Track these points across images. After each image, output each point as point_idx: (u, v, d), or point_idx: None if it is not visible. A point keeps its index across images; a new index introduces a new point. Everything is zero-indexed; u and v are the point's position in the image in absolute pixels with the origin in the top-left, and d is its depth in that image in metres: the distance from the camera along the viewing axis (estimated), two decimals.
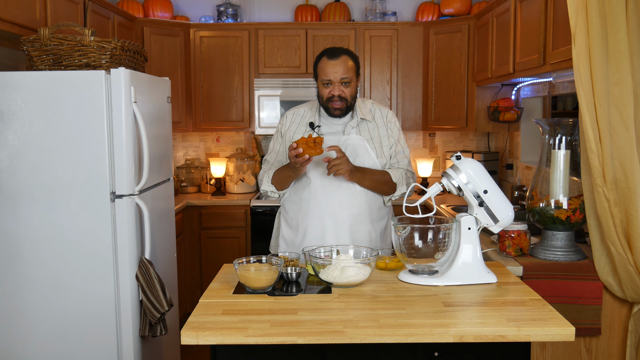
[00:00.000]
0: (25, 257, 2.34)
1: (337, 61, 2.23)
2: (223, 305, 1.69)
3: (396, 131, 2.40)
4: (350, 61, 2.26)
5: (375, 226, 2.36)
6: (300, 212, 2.33)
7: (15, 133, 2.29)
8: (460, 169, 1.89)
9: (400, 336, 1.50)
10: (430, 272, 1.89)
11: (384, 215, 2.41)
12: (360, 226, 2.31)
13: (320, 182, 2.28)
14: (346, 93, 2.26)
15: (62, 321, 2.37)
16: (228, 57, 4.26)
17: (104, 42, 2.39)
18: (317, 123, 2.35)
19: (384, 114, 2.40)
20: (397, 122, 2.42)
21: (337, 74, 2.23)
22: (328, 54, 2.26)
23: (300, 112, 2.43)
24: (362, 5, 4.56)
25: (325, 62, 2.25)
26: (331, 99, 2.26)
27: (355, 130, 2.34)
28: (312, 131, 2.35)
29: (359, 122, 2.35)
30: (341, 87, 2.25)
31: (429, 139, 4.70)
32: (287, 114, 2.45)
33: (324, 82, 2.26)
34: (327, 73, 2.23)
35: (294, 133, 2.38)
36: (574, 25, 1.97)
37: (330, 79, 2.24)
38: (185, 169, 4.47)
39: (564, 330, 1.52)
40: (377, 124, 2.37)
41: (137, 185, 2.42)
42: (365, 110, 2.36)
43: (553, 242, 2.27)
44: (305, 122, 2.38)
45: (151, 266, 2.41)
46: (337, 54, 2.25)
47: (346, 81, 2.24)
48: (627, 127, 1.94)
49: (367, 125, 2.36)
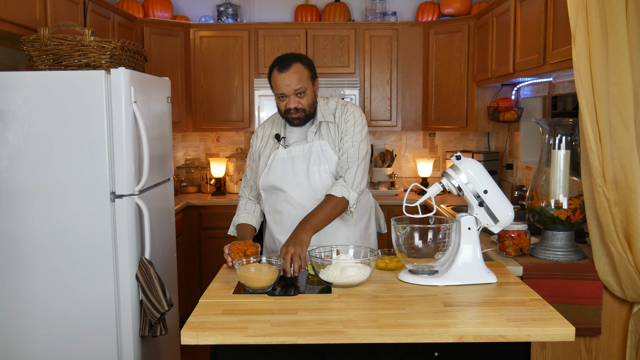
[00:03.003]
0: (25, 257, 2.34)
1: (288, 73, 2.12)
2: (223, 305, 1.69)
3: (349, 126, 2.24)
4: (302, 69, 2.16)
5: (353, 230, 2.31)
6: (276, 223, 2.30)
7: (15, 133, 2.29)
8: (460, 169, 1.89)
9: (400, 336, 1.50)
10: (430, 272, 1.89)
11: (361, 216, 2.34)
12: (337, 232, 2.26)
13: (293, 193, 2.24)
14: (303, 103, 2.18)
15: (62, 321, 2.37)
16: (228, 57, 4.26)
17: (104, 42, 2.39)
18: (282, 134, 2.30)
19: (344, 112, 2.28)
20: (358, 118, 2.25)
21: (289, 87, 2.13)
22: (278, 66, 2.15)
23: (268, 124, 2.38)
24: (362, 5, 4.56)
25: (276, 75, 2.15)
26: (288, 111, 2.19)
27: (317, 136, 2.26)
28: (278, 144, 2.29)
29: (320, 126, 2.27)
30: (296, 99, 2.16)
31: (429, 139, 4.70)
32: (258, 130, 2.40)
33: (278, 96, 2.18)
34: (280, 87, 2.15)
35: (263, 148, 2.34)
36: (574, 25, 1.97)
37: (284, 92, 2.14)
38: (185, 169, 4.47)
39: (564, 330, 1.52)
40: (337, 124, 2.27)
41: (137, 185, 2.42)
42: (326, 112, 2.27)
43: (553, 242, 2.27)
44: (272, 135, 2.34)
45: (151, 266, 2.42)
46: (286, 65, 2.14)
47: (300, 91, 2.15)
48: (627, 127, 1.94)
49: (329, 127, 2.27)
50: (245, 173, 2.44)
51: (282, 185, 2.26)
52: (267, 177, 2.29)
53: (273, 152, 2.30)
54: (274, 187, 2.28)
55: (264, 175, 2.30)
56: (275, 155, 2.28)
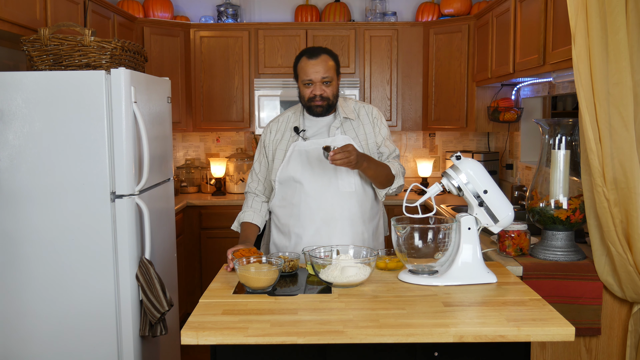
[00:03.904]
0: (25, 257, 2.34)
1: (317, 60, 2.20)
2: (223, 305, 1.69)
3: (384, 129, 2.37)
4: (330, 60, 2.23)
5: (368, 226, 2.34)
6: (291, 217, 2.30)
7: (15, 133, 2.29)
8: (460, 169, 1.89)
9: (400, 336, 1.50)
10: (430, 272, 1.89)
11: (375, 214, 2.39)
12: (353, 228, 2.28)
13: (311, 185, 2.26)
14: (328, 92, 2.23)
15: (62, 321, 2.37)
16: (228, 57, 4.26)
17: (104, 42, 2.39)
18: (301, 127, 2.33)
19: (369, 111, 2.37)
20: (384, 119, 2.39)
21: (317, 74, 2.20)
22: (307, 54, 2.23)
23: (284, 118, 2.39)
24: (362, 5, 4.56)
25: (305, 62, 2.22)
26: (313, 99, 2.24)
27: (340, 130, 2.31)
28: (297, 136, 2.32)
29: (343, 122, 2.32)
30: (322, 87, 2.22)
31: (429, 139, 4.70)
32: (271, 124, 2.41)
33: (304, 83, 2.23)
34: (308, 73, 2.21)
35: (279, 142, 2.35)
36: (574, 25, 1.97)
37: (311, 78, 2.21)
38: (185, 169, 4.47)
39: (564, 330, 1.52)
40: (362, 121, 2.34)
41: (137, 185, 2.42)
42: (348, 110, 2.33)
43: (553, 242, 2.27)
44: (290, 128, 2.35)
45: (151, 266, 2.42)
46: (316, 53, 2.22)
47: (327, 80, 2.22)
48: (627, 127, 1.94)
49: (352, 124, 2.33)
50: (254, 167, 2.44)
51: (301, 178, 2.27)
52: (286, 168, 2.30)
53: (292, 144, 2.32)
54: (292, 179, 2.29)
55: (283, 166, 2.31)
56: (295, 148, 2.31)
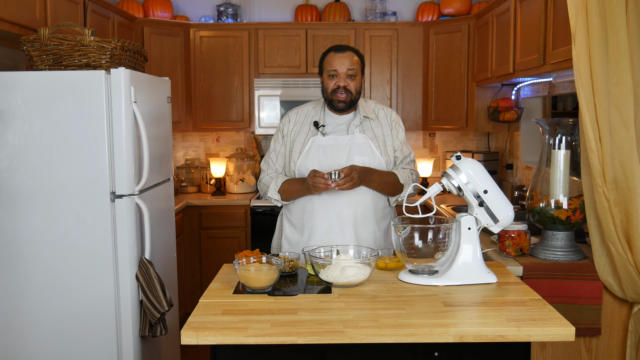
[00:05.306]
0: (25, 257, 2.34)
1: (344, 54, 2.28)
2: (223, 305, 1.69)
3: (402, 133, 2.43)
4: (356, 56, 2.31)
5: (380, 225, 2.38)
6: (305, 212, 2.33)
7: (15, 133, 2.29)
8: (460, 169, 1.89)
9: (400, 336, 1.50)
10: (430, 272, 1.89)
11: (387, 214, 2.43)
12: (365, 225, 2.32)
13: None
14: (351, 86, 2.29)
15: (62, 321, 2.37)
16: (228, 57, 4.26)
17: (104, 42, 2.39)
18: (321, 122, 2.36)
19: (388, 113, 2.42)
20: (402, 123, 2.46)
21: (343, 66, 2.27)
22: (335, 49, 2.32)
23: (304, 111, 2.43)
24: (362, 5, 4.56)
25: (332, 55, 2.30)
26: (336, 90, 2.28)
27: (359, 129, 2.35)
28: (316, 131, 2.35)
29: (362, 121, 2.36)
30: (347, 80, 2.28)
31: (429, 139, 4.70)
32: (290, 114, 2.44)
33: (329, 74, 2.29)
34: (334, 64, 2.28)
35: (297, 133, 2.38)
36: (574, 25, 1.97)
37: (337, 69, 2.27)
38: (185, 169, 4.47)
39: (564, 330, 1.52)
40: (380, 123, 2.39)
41: (137, 185, 2.42)
42: (368, 109, 2.38)
43: (553, 242, 2.27)
44: (309, 122, 2.38)
45: (151, 266, 2.42)
46: (344, 49, 2.31)
47: (352, 74, 2.28)
48: (627, 127, 1.94)
49: (371, 124, 2.37)
50: (270, 158, 2.45)
51: None
52: (304, 161, 2.33)
53: (310, 138, 2.35)
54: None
55: (302, 159, 2.34)
56: (314, 142, 2.34)
